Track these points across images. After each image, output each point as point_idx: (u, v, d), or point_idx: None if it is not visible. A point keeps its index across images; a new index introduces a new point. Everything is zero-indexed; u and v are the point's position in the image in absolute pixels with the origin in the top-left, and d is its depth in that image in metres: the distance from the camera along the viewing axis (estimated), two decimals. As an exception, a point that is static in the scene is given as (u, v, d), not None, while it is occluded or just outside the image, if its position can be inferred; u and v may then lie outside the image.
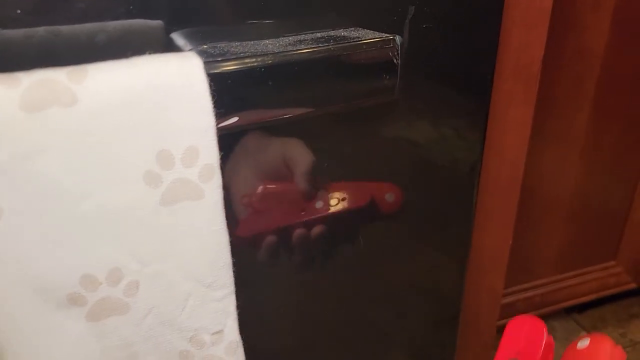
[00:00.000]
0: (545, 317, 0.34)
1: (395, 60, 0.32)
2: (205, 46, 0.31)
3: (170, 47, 0.31)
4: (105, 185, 0.26)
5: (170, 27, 0.31)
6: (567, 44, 0.69)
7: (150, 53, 0.27)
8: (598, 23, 0.69)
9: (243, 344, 0.34)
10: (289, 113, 0.31)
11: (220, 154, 0.29)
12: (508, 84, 0.49)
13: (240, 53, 0.29)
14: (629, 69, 0.74)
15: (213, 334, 0.32)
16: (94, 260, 0.28)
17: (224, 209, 0.30)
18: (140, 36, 0.31)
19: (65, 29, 0.30)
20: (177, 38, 0.32)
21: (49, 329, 0.28)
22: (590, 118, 0.75)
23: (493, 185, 0.53)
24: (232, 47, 0.31)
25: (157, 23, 0.31)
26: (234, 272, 0.32)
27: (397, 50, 0.32)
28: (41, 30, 0.29)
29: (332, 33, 0.33)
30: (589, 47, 0.70)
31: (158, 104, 0.26)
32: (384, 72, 0.32)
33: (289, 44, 0.31)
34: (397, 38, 0.32)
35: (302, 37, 0.33)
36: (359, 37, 0.32)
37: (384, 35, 0.33)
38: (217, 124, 0.28)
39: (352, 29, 0.34)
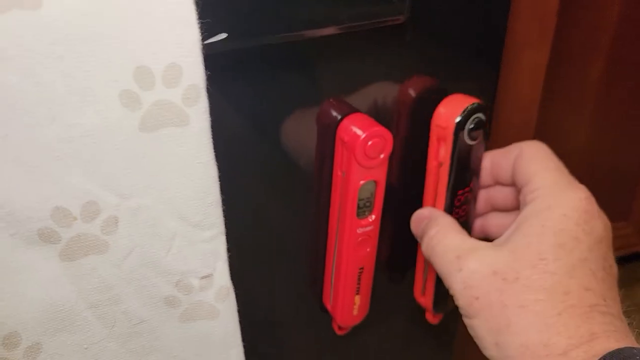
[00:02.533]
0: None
1: (403, -25, 0.29)
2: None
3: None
4: (75, 105, 0.23)
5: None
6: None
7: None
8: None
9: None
10: (283, 33, 0.28)
11: (206, 75, 0.26)
12: (523, 23, 0.45)
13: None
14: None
15: (202, 278, 0.30)
16: (67, 191, 0.25)
17: (211, 139, 0.27)
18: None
19: None
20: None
21: (19, 267, 0.25)
22: (604, 71, 0.71)
23: (505, 132, 0.50)
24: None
25: None
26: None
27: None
28: None
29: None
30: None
31: (134, 11, 0.23)
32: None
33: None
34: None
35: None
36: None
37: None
38: (204, 40, 0.25)
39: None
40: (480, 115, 0.35)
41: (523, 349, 0.26)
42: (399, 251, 0.42)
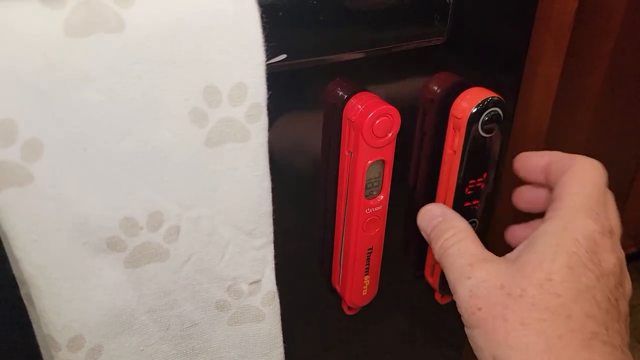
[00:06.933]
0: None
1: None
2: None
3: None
4: (150, 121, 0.25)
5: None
6: (587, 0, 0.67)
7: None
8: (620, -20, 0.67)
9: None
10: (335, 53, 0.30)
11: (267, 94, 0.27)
12: (538, 36, 0.47)
13: (289, -16, 0.27)
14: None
15: (251, 283, 0.31)
16: (136, 202, 0.26)
17: (267, 153, 0.29)
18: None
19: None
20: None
21: (87, 273, 0.27)
22: (606, 79, 0.74)
23: (517, 144, 0.52)
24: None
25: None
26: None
27: (450, -12, 0.30)
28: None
29: (378, -31, 0.31)
30: (610, 3, 0.68)
31: (207, 34, 0.24)
32: (435, 11, 0.30)
33: (338, -23, 0.29)
34: (450, -25, 0.31)
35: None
36: (409, -26, 0.30)
37: (435, -28, 0.31)
38: (266, 61, 0.26)
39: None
40: (496, 109, 0.36)
41: None
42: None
